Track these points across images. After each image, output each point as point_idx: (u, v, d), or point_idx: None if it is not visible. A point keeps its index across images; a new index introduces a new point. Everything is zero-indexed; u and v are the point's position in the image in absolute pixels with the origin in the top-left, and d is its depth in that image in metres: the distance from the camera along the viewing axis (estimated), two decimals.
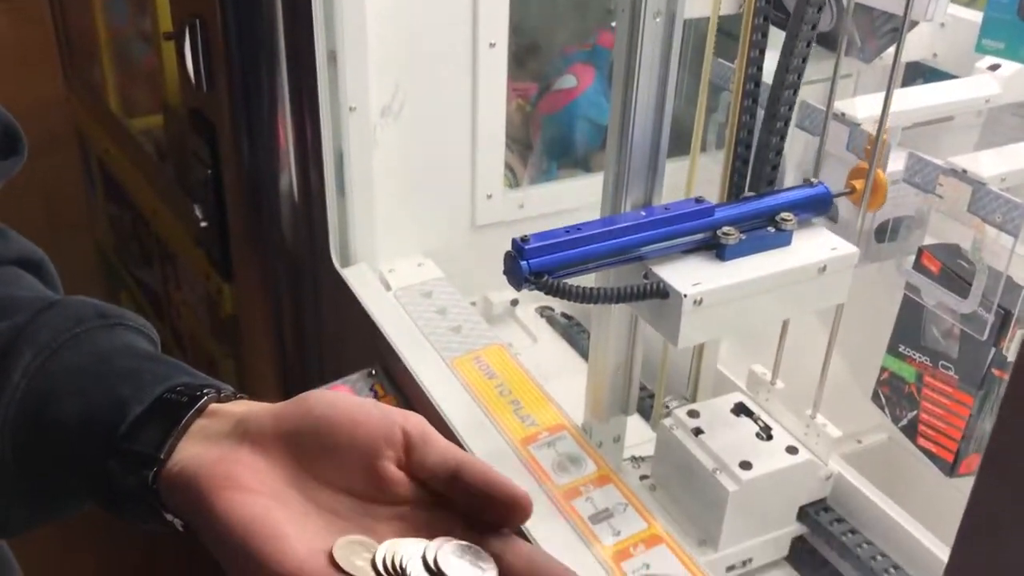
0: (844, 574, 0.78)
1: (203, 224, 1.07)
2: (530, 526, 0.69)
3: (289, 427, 0.46)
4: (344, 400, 0.46)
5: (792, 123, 0.77)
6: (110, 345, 0.51)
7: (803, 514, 0.79)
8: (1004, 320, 0.78)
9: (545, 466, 0.76)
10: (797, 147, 0.92)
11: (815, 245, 0.71)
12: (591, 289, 0.65)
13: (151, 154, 1.28)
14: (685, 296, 0.64)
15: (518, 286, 0.65)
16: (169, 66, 1.12)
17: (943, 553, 0.73)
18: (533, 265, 0.64)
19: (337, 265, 0.97)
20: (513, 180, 1.14)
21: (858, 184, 0.75)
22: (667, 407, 0.87)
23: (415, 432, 0.45)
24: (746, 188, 0.76)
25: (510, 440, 0.78)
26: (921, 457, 0.93)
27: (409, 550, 0.42)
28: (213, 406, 0.48)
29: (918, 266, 0.83)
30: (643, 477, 0.82)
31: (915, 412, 0.88)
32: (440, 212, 1.04)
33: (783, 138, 0.73)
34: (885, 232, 0.88)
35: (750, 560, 0.78)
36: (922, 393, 0.87)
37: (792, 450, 0.77)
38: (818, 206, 0.72)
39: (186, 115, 1.07)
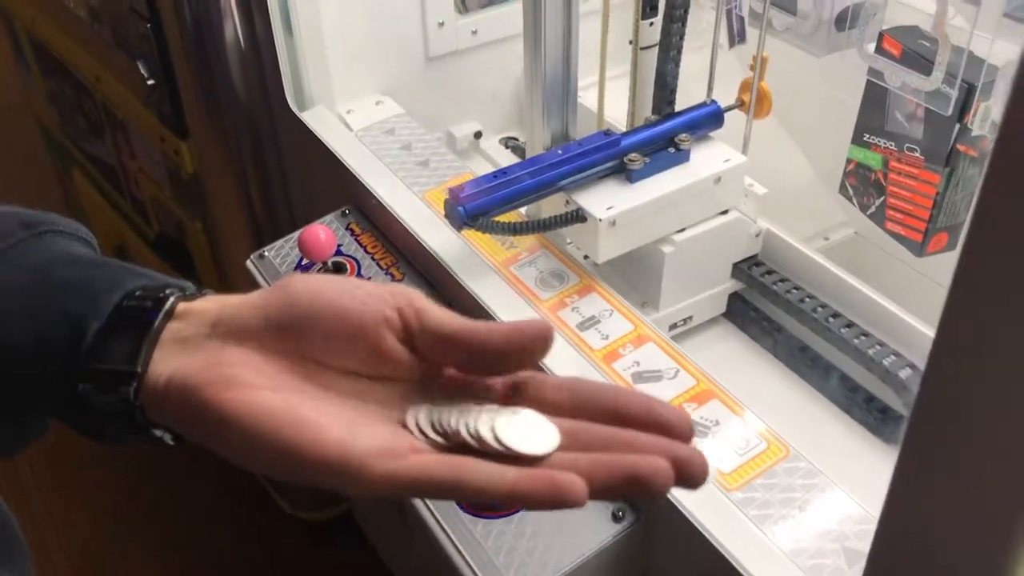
0: (777, 319, 0.83)
1: (150, 82, 1.03)
2: None
3: (275, 321, 0.42)
4: (328, 288, 0.43)
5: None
6: (47, 256, 0.46)
7: (737, 271, 0.84)
8: (967, 95, 0.78)
9: (529, 284, 0.77)
10: None
11: (710, 159, 0.79)
12: (520, 223, 0.76)
13: (84, 17, 1.22)
14: (601, 220, 0.74)
15: (458, 228, 0.75)
16: None
17: (863, 287, 0.78)
18: (469, 210, 0.73)
19: (295, 109, 0.95)
20: (463, 7, 1.10)
21: (746, 97, 0.82)
22: None
23: (408, 310, 0.43)
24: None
25: (492, 263, 0.79)
26: (888, 247, 0.95)
27: (481, 418, 0.40)
28: (182, 306, 0.43)
29: (879, 50, 0.83)
30: (585, 256, 0.84)
31: (882, 198, 0.90)
32: (392, 46, 1.01)
33: (678, 64, 0.80)
34: (845, 20, 0.87)
35: (690, 318, 0.84)
36: (888, 178, 0.89)
37: (723, 211, 0.81)
38: (712, 122, 0.81)
39: None
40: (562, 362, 0.68)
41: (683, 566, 0.62)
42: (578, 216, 0.75)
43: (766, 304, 0.83)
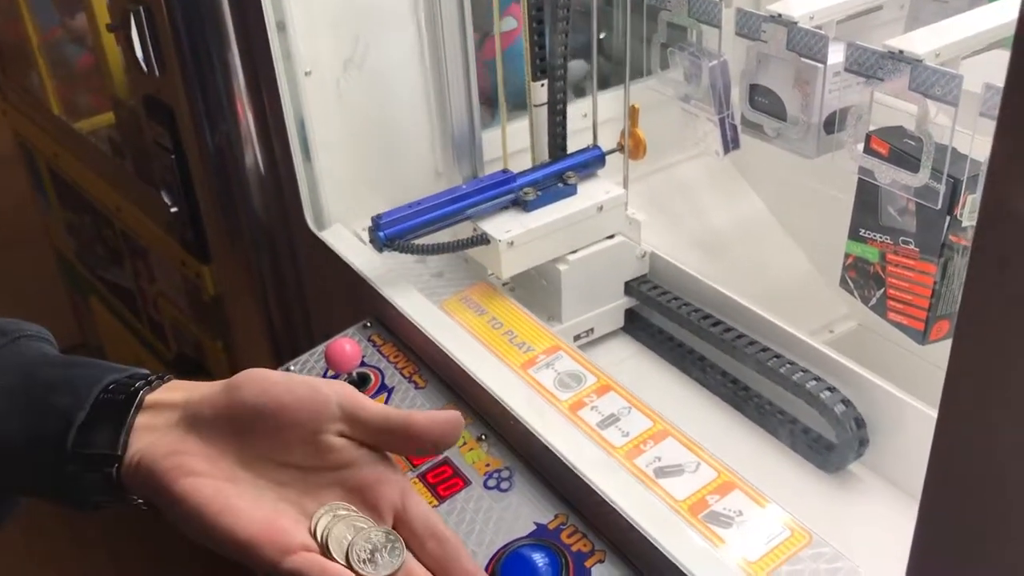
0: (671, 332, 0.94)
1: (173, 210, 1.08)
2: (547, 437, 0.73)
3: (228, 415, 0.52)
4: (274, 385, 0.52)
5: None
6: (26, 359, 0.56)
7: (629, 288, 0.96)
8: (954, 188, 0.82)
9: (548, 385, 0.80)
10: (739, 53, 0.96)
11: (594, 192, 0.94)
12: (434, 244, 0.88)
13: (105, 152, 1.28)
14: (500, 241, 0.88)
15: (380, 250, 0.87)
16: (113, 58, 1.12)
17: (745, 301, 0.89)
18: (388, 234, 0.86)
19: (314, 229, 0.99)
20: None
21: (623, 142, 0.94)
22: None
23: (347, 403, 0.52)
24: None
25: (511, 367, 0.82)
26: (891, 337, 0.98)
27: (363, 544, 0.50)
28: (149, 398, 0.54)
29: (868, 150, 0.88)
30: (504, 283, 0.96)
31: (882, 290, 0.93)
32: (404, 165, 1.06)
33: (565, 115, 0.95)
34: (834, 123, 0.92)
35: (592, 330, 0.95)
36: (887, 270, 0.92)
37: (610, 236, 0.94)
38: (595, 163, 0.95)
39: (140, 104, 1.08)
40: (588, 460, 0.70)
41: None
42: (483, 239, 0.89)
43: (656, 316, 0.96)
